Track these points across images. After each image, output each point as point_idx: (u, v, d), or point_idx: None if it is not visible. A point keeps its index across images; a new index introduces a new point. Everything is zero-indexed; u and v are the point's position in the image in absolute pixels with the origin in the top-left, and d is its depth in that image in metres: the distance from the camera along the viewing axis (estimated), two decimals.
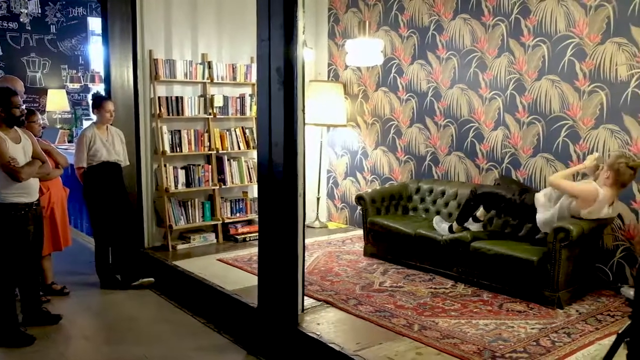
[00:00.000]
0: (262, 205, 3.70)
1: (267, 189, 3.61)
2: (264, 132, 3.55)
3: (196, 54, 5.77)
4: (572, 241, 3.80)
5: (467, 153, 5.37)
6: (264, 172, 3.62)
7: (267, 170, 3.58)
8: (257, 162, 3.73)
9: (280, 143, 3.44)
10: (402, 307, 3.93)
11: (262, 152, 3.60)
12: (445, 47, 5.46)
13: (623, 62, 4.24)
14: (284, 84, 3.37)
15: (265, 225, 3.68)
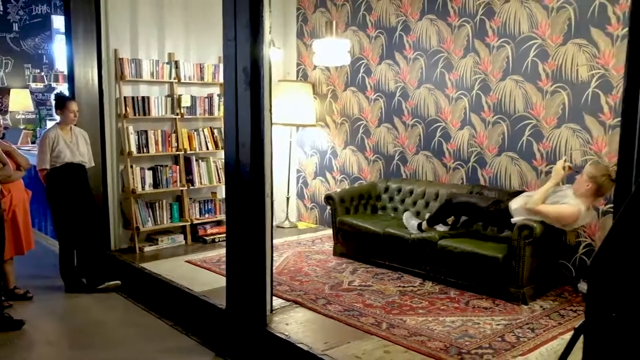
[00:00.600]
0: (230, 206, 3.68)
1: (234, 190, 3.59)
2: (231, 132, 3.53)
3: (163, 53, 5.70)
4: (535, 238, 3.88)
5: (435, 152, 5.44)
6: (232, 173, 3.60)
7: (234, 171, 3.56)
8: (225, 162, 3.70)
9: (247, 144, 3.42)
10: (371, 305, 3.96)
11: (229, 153, 3.58)
12: (413, 48, 5.51)
13: (583, 63, 4.34)
14: (251, 84, 3.36)
15: (233, 226, 3.66)
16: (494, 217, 4.31)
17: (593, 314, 1.37)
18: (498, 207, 4.27)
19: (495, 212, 4.27)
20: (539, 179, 4.67)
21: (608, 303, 1.37)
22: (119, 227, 5.57)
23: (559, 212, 3.94)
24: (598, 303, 1.40)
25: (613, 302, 1.35)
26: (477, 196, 4.57)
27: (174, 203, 5.81)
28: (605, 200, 4.29)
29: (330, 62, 5.19)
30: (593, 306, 1.38)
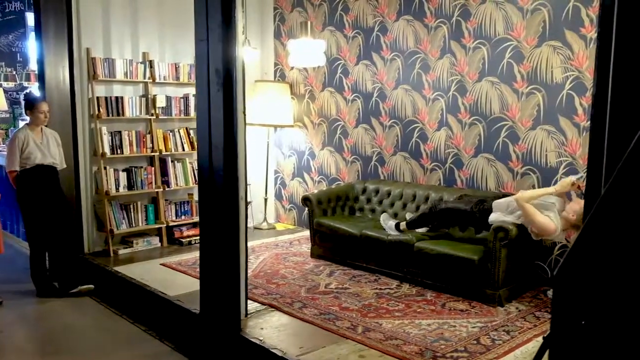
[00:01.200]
0: (203, 209, 3.63)
1: (207, 193, 3.54)
2: (204, 134, 3.47)
3: (137, 52, 5.61)
4: (511, 240, 3.88)
5: (412, 153, 5.43)
6: (205, 176, 3.54)
7: (207, 174, 3.50)
8: (197, 165, 3.64)
9: (220, 146, 3.37)
10: (347, 309, 3.93)
11: (202, 155, 3.52)
12: (390, 48, 5.50)
13: (558, 65, 4.36)
14: (224, 86, 3.30)
15: (206, 229, 3.60)
16: (478, 218, 4.27)
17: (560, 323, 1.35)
18: (482, 207, 4.26)
19: (478, 213, 4.25)
20: (515, 180, 4.69)
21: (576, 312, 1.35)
22: (93, 230, 5.47)
23: (536, 218, 3.88)
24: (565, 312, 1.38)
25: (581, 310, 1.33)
26: (460, 199, 4.55)
27: (150, 205, 5.72)
28: None
29: (306, 62, 5.15)
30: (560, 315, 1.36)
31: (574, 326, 1.35)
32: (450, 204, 4.45)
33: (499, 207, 4.15)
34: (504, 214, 4.07)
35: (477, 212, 4.22)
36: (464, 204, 4.37)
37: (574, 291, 1.24)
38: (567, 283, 1.23)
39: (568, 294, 1.35)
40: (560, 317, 1.32)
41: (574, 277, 1.23)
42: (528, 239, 4.01)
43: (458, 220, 4.42)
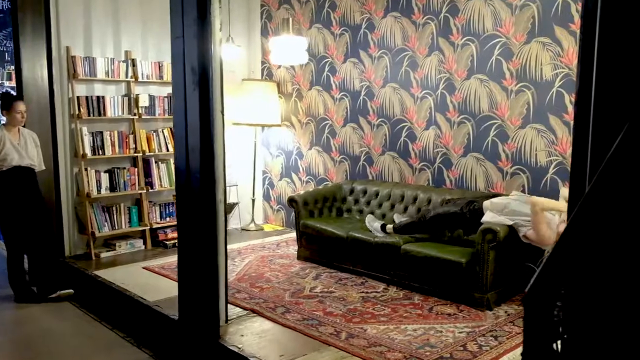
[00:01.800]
0: (181, 213, 3.51)
1: (184, 196, 3.42)
2: (180, 135, 3.36)
3: (119, 51, 5.48)
4: (499, 242, 3.78)
5: (401, 153, 5.32)
6: (182, 179, 3.42)
7: (184, 177, 3.38)
8: (175, 167, 3.52)
9: (196, 147, 3.25)
10: (331, 314, 3.82)
11: (179, 158, 3.40)
12: (377, 46, 5.38)
13: (547, 62, 4.26)
14: (200, 84, 3.18)
15: (184, 233, 3.48)
16: (469, 219, 4.13)
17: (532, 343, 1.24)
18: (472, 207, 4.13)
19: (469, 213, 4.12)
20: (504, 180, 4.58)
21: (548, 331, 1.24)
22: (74, 233, 5.34)
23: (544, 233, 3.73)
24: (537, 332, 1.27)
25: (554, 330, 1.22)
26: (448, 203, 4.43)
27: (133, 207, 5.60)
28: None
29: (288, 60, 5.00)
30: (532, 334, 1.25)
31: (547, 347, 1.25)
32: (440, 210, 4.31)
33: (495, 208, 3.99)
34: (500, 213, 3.94)
35: (468, 213, 4.10)
36: (454, 207, 4.24)
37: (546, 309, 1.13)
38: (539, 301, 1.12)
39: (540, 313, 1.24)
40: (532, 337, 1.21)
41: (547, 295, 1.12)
42: (517, 240, 3.90)
43: (449, 223, 4.29)
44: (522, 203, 3.92)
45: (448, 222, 4.23)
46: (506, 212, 3.89)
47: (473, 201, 4.16)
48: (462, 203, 4.20)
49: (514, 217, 3.85)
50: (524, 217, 3.83)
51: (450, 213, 4.19)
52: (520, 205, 3.90)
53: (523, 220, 3.83)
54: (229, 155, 6.39)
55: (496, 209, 3.94)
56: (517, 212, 3.86)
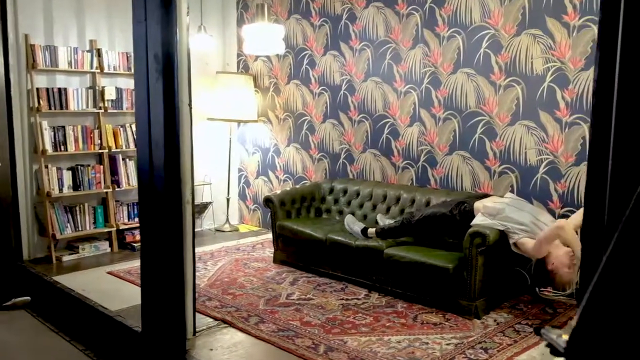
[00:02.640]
0: (143, 215, 3.19)
1: (148, 197, 3.10)
2: (143, 130, 3.04)
3: (83, 40, 5.12)
4: (489, 246, 3.53)
5: (383, 150, 5.06)
6: (144, 178, 3.10)
7: (147, 175, 3.06)
8: (137, 165, 3.21)
9: (160, 143, 2.94)
10: (309, 324, 3.54)
11: (142, 154, 3.08)
12: (359, 38, 5.11)
13: (539, 55, 4.03)
14: (164, 74, 2.87)
15: (147, 238, 3.17)
16: (459, 221, 3.83)
17: None
18: (462, 208, 3.86)
19: (459, 215, 3.84)
20: (492, 179, 4.35)
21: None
22: (34, 235, 4.98)
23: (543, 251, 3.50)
24: None
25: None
26: (436, 205, 4.16)
27: (98, 206, 5.25)
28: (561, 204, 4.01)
29: (262, 50, 4.67)
30: None
31: None
32: (428, 212, 4.02)
33: (488, 212, 3.68)
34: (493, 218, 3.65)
35: (458, 215, 3.84)
36: (442, 208, 3.97)
37: None
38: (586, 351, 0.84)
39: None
40: None
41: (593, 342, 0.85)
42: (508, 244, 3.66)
43: (438, 226, 3.97)
44: (517, 209, 3.66)
45: (436, 225, 3.96)
46: (500, 217, 3.63)
47: (463, 202, 3.90)
48: (452, 204, 3.94)
49: (507, 224, 3.59)
50: (518, 225, 3.57)
51: (439, 215, 3.92)
52: (516, 212, 3.63)
53: (517, 228, 3.57)
54: (202, 152, 6.11)
55: (489, 213, 3.67)
56: (511, 218, 3.60)
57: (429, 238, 4.07)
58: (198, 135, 6.04)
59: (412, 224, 3.99)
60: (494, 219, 3.61)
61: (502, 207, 3.64)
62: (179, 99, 2.95)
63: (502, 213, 3.61)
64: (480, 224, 3.62)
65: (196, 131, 6.00)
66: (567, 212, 3.97)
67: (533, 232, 3.54)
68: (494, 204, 3.72)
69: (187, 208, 3.14)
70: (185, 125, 3.06)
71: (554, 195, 4.03)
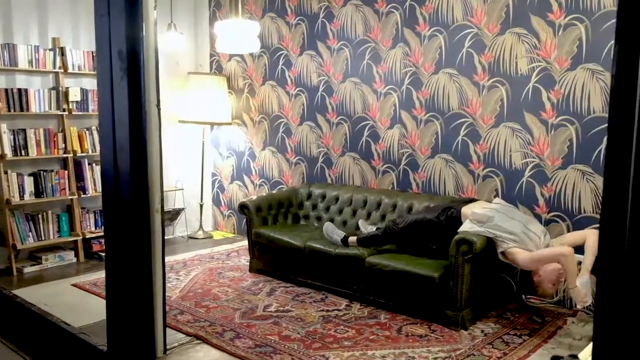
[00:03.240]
0: (108, 224, 2.95)
1: (112, 204, 2.86)
2: (107, 132, 2.80)
3: (45, 38, 4.83)
4: (475, 254, 3.38)
5: (362, 154, 4.89)
6: (109, 184, 2.86)
7: (112, 181, 2.83)
8: (101, 170, 2.97)
9: (125, 146, 2.71)
10: (288, 338, 3.33)
11: (106, 158, 2.85)
12: (337, 37, 4.93)
13: (523, 55, 3.90)
14: (129, 71, 2.64)
15: (112, 249, 2.93)
16: (446, 227, 3.65)
17: None
18: (449, 214, 3.68)
19: (445, 221, 3.67)
20: (476, 183, 4.21)
21: None
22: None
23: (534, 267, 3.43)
24: None
25: None
26: (420, 211, 3.98)
27: (63, 214, 4.96)
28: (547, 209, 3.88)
29: (236, 48, 4.43)
30: None
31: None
32: (413, 218, 3.83)
33: (477, 218, 3.49)
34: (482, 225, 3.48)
35: (444, 221, 3.67)
36: (428, 214, 3.79)
37: None
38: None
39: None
40: None
41: None
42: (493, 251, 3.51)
43: (423, 234, 3.80)
44: (508, 218, 3.49)
45: (422, 232, 3.78)
46: (489, 225, 3.46)
47: (450, 207, 3.73)
48: (438, 210, 3.78)
49: (497, 232, 3.43)
50: (508, 234, 3.42)
51: (426, 221, 3.74)
52: (506, 221, 3.47)
53: (506, 238, 3.41)
54: (173, 157, 5.86)
55: (478, 220, 3.51)
56: (501, 227, 3.43)
57: (414, 245, 3.90)
58: (169, 138, 5.80)
59: (397, 231, 3.81)
60: (483, 226, 3.45)
61: (492, 215, 3.48)
62: (146, 98, 2.73)
63: (491, 221, 3.45)
64: (467, 231, 3.46)
65: (167, 134, 5.76)
66: (553, 217, 3.85)
67: (523, 242, 3.39)
68: (483, 210, 3.55)
69: (156, 217, 2.91)
70: (154, 127, 2.84)
71: (540, 199, 3.90)
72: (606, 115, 3.58)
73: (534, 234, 3.42)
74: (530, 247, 3.38)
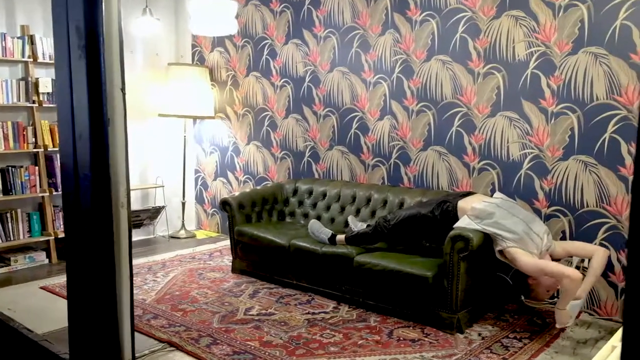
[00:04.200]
0: (69, 221, 2.68)
1: (72, 199, 2.59)
2: (66, 119, 2.52)
3: (13, 25, 4.54)
4: (472, 251, 3.12)
5: (351, 147, 4.63)
6: (68, 177, 2.59)
7: (71, 173, 2.55)
8: (60, 161, 2.69)
9: (85, 134, 2.43)
10: (270, 344, 3.07)
11: (65, 148, 2.56)
12: (323, 24, 4.68)
13: (521, 39, 3.66)
14: (87, 50, 2.37)
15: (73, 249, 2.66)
16: (441, 221, 3.39)
17: None
18: (445, 208, 3.41)
19: (440, 216, 3.41)
20: (471, 177, 3.96)
21: None
22: None
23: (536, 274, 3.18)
24: None
25: None
26: (413, 205, 3.72)
27: (34, 213, 4.67)
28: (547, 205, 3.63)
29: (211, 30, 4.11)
30: None
31: None
32: (406, 213, 3.56)
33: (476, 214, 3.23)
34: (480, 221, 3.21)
35: (439, 215, 3.42)
36: (422, 209, 3.52)
37: None
38: None
39: None
40: None
41: None
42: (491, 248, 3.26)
43: (417, 230, 3.53)
44: (510, 215, 3.22)
45: (416, 228, 3.52)
46: (488, 222, 3.21)
47: (445, 201, 3.48)
48: (433, 204, 3.52)
49: (496, 230, 3.17)
50: (508, 232, 3.15)
51: (420, 217, 3.48)
52: (508, 218, 3.20)
53: (507, 237, 3.15)
54: (153, 152, 5.59)
55: (477, 215, 3.24)
56: (502, 225, 3.16)
57: (406, 243, 3.65)
58: (148, 133, 5.53)
59: (388, 228, 3.55)
60: (481, 222, 3.19)
61: (492, 211, 3.21)
62: (108, 80, 2.45)
63: (491, 217, 3.19)
64: (464, 227, 3.20)
65: (146, 128, 5.49)
66: (554, 212, 3.60)
67: (524, 242, 3.13)
68: (483, 204, 3.29)
69: (121, 212, 2.63)
70: (118, 113, 2.56)
71: (540, 193, 3.66)
72: (610, 102, 3.34)
73: (536, 235, 3.16)
74: (531, 248, 3.12)
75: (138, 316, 3.45)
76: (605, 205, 3.39)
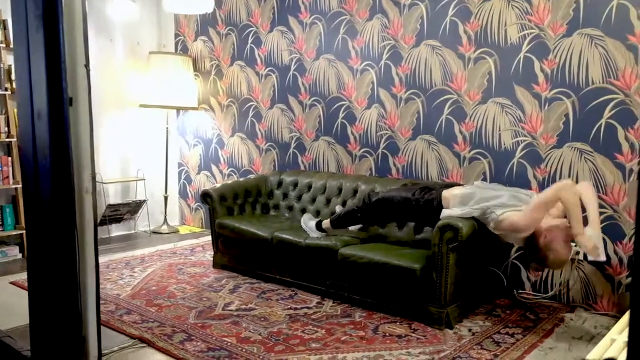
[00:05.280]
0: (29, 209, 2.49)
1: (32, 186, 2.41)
2: (24, 97, 2.34)
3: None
4: (461, 242, 2.96)
5: (338, 138, 4.46)
6: (27, 161, 2.41)
7: (31, 156, 2.37)
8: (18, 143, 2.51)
9: (44, 112, 2.25)
10: (247, 340, 2.89)
11: (24, 128, 2.39)
12: (309, 10, 4.51)
13: (513, 22, 3.51)
14: (44, 21, 2.19)
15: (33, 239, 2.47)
16: (423, 208, 3.23)
17: None
18: (428, 196, 3.24)
19: (422, 201, 3.24)
20: (462, 167, 3.80)
21: None
22: None
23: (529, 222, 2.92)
24: None
25: None
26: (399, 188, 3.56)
27: (6, 206, 4.47)
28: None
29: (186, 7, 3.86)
30: None
31: None
32: (388, 193, 3.44)
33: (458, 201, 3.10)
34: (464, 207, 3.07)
35: (421, 200, 3.25)
36: (405, 191, 3.37)
37: None
38: None
39: None
40: None
41: None
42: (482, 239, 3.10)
43: (397, 212, 3.38)
44: (492, 190, 3.13)
45: (396, 210, 3.36)
46: (472, 203, 3.05)
47: (430, 188, 3.31)
48: (416, 189, 3.35)
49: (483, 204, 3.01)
50: (494, 200, 3.00)
51: (401, 198, 3.32)
52: (490, 192, 3.09)
53: (495, 205, 2.98)
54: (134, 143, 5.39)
55: (459, 202, 3.09)
56: (486, 198, 3.04)
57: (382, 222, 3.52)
58: (129, 123, 5.34)
59: (370, 204, 3.41)
60: (467, 206, 3.04)
61: (472, 192, 3.09)
62: (69, 55, 2.27)
63: (473, 197, 3.05)
64: (451, 216, 3.04)
65: (127, 119, 5.30)
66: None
67: (513, 204, 2.97)
68: (462, 190, 3.16)
69: (85, 199, 2.45)
70: (82, 92, 2.37)
71: (533, 182, 3.50)
72: (607, 86, 3.19)
73: (524, 195, 3.03)
74: (523, 207, 2.96)
75: (110, 312, 3.27)
76: (601, 195, 3.24)
